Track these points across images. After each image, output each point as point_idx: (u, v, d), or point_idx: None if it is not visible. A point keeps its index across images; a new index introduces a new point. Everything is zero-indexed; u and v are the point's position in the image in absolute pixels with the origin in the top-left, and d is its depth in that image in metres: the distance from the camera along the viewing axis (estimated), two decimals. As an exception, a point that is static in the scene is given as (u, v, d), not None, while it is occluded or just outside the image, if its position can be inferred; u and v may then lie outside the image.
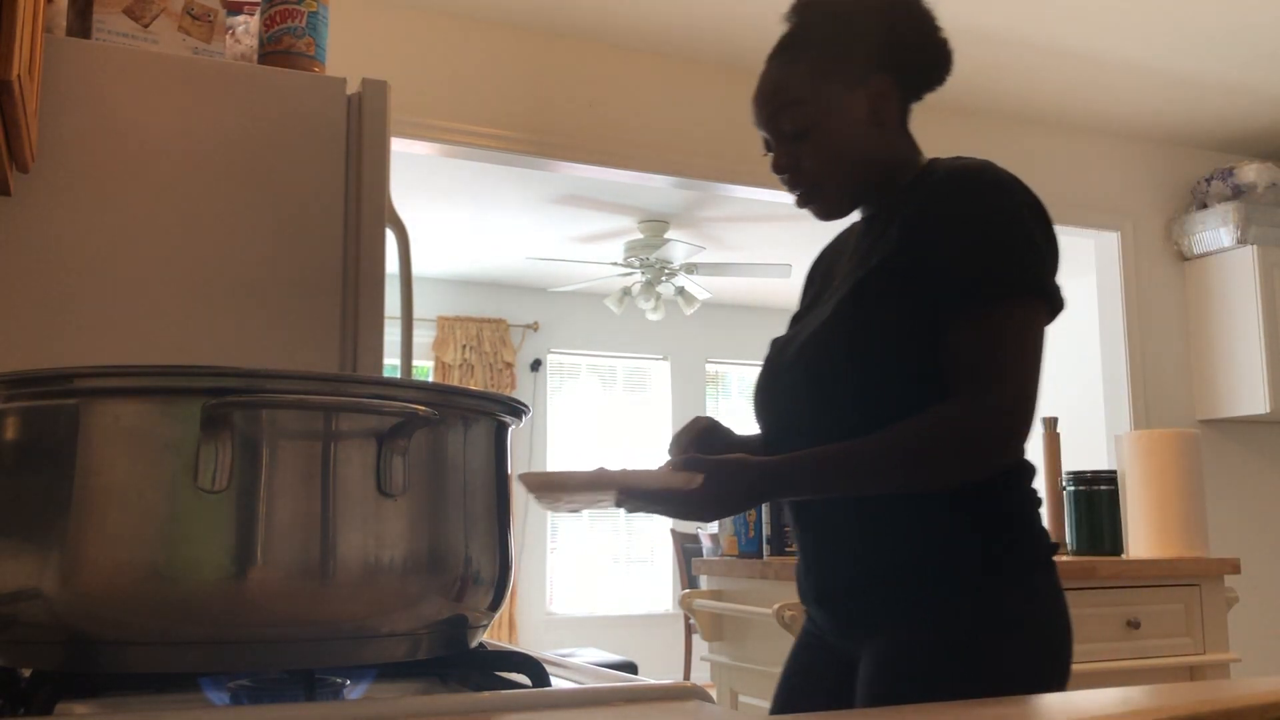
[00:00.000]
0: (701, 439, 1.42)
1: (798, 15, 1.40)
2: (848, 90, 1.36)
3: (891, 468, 1.22)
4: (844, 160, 1.37)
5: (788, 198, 1.47)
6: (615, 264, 6.24)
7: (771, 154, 1.41)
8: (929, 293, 1.24)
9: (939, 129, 4.35)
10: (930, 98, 1.58)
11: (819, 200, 1.39)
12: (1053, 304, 1.28)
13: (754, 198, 4.20)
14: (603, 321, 7.65)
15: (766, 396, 1.39)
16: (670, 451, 1.42)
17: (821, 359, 1.30)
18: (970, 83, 4.13)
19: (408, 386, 0.83)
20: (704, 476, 1.21)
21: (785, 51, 1.39)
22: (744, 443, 1.46)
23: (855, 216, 1.46)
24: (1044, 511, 3.38)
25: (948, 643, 1.22)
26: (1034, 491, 1.32)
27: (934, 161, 1.41)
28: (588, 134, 3.70)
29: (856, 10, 1.39)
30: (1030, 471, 1.31)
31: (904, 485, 1.23)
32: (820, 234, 1.42)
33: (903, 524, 1.26)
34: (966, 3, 3.54)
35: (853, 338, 1.27)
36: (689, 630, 6.48)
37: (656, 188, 4.65)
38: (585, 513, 7.68)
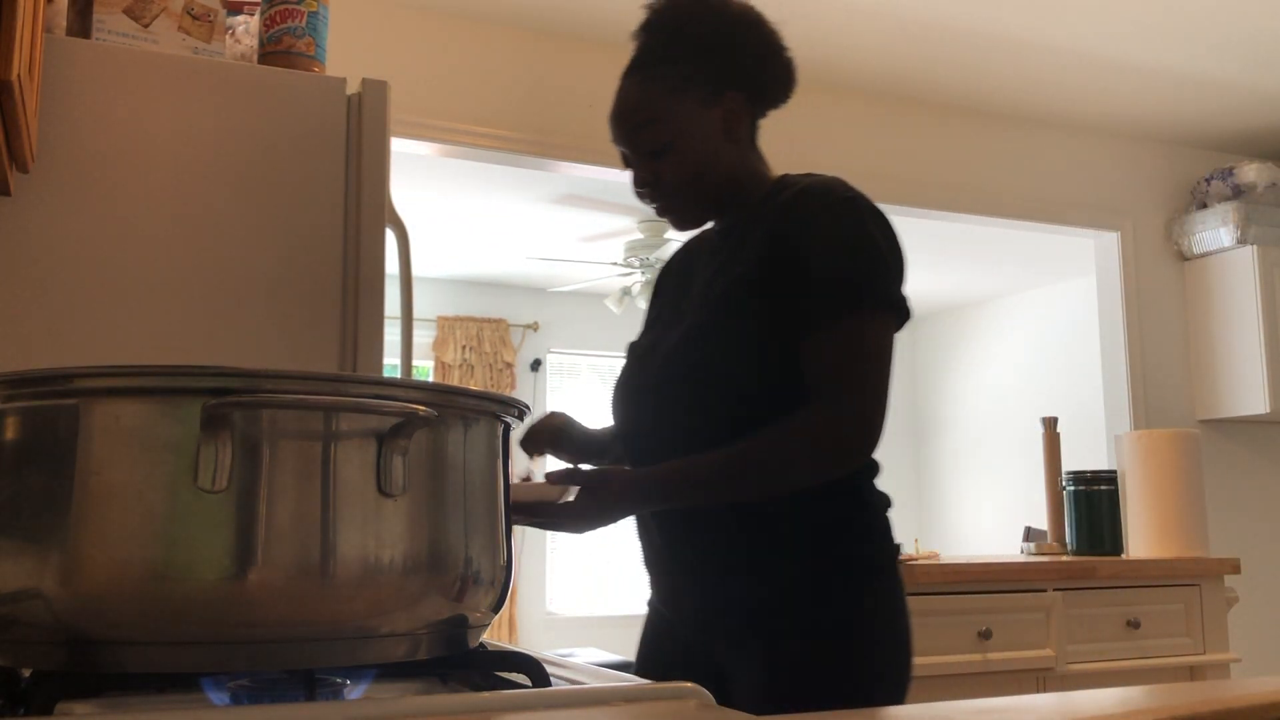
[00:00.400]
0: (559, 437, 1.54)
1: (649, 34, 1.45)
2: (702, 107, 1.42)
3: (751, 476, 1.29)
4: (701, 174, 1.42)
5: None
6: (615, 264, 6.25)
7: (630, 169, 1.46)
8: (788, 305, 1.30)
9: (940, 129, 4.35)
10: (930, 98, 1.63)
11: (677, 212, 1.45)
12: (900, 315, 1.33)
13: (754, 198, 4.20)
14: (603, 321, 7.65)
15: (629, 401, 1.45)
16: (523, 447, 1.53)
17: (686, 367, 1.36)
18: (970, 83, 4.13)
19: (408, 386, 0.83)
20: (578, 490, 1.28)
21: (639, 70, 1.43)
22: (598, 440, 1.57)
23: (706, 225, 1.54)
24: (1043, 510, 3.39)
25: (817, 652, 1.29)
26: (881, 494, 1.40)
27: (785, 177, 1.47)
28: (588, 134, 3.70)
29: (707, 30, 1.43)
30: (874, 472, 1.39)
31: (764, 492, 1.30)
32: None
33: (752, 535, 1.34)
34: (967, 3, 3.54)
35: (717, 347, 1.34)
36: (689, 630, 6.47)
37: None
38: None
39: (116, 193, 1.69)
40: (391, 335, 1.90)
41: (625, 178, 1.51)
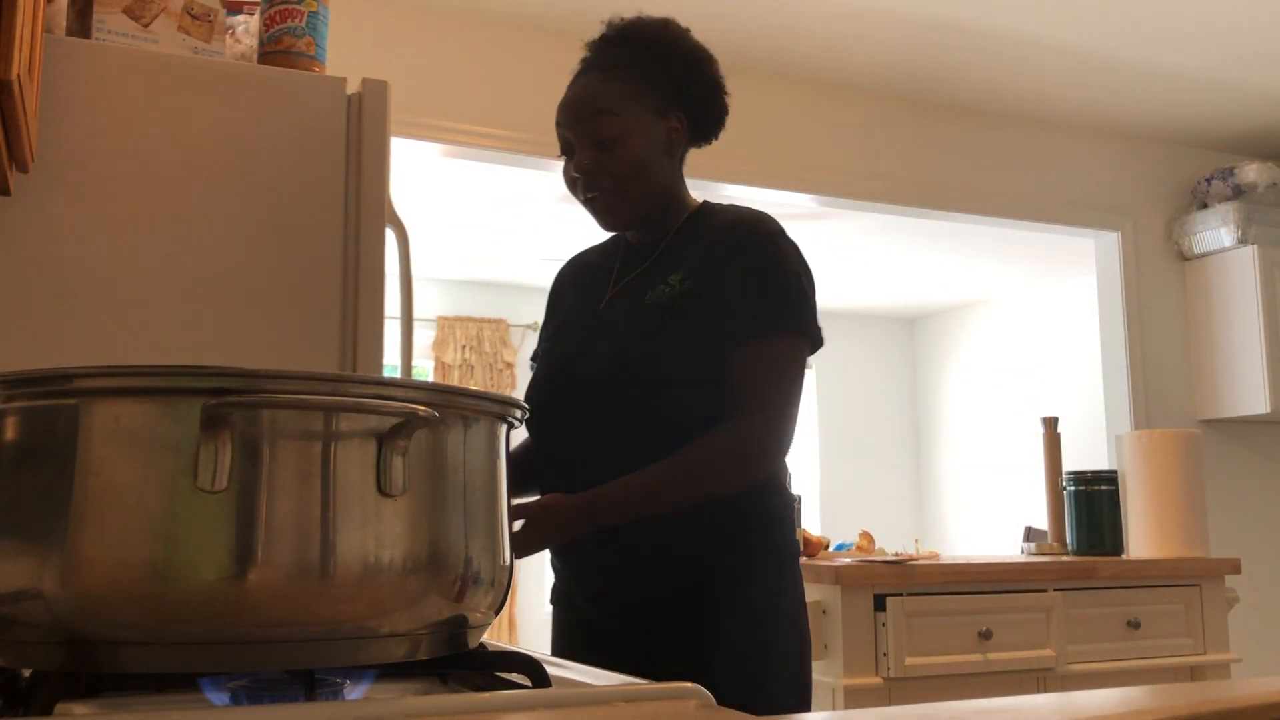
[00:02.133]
0: None
1: (611, 44, 1.55)
2: (653, 117, 1.52)
3: (686, 488, 1.41)
4: (639, 175, 1.51)
5: (787, 198, 1.54)
6: (615, 264, 6.24)
7: (570, 157, 1.53)
8: (716, 328, 1.43)
9: (940, 129, 4.35)
10: (931, 98, 1.69)
11: (608, 205, 1.52)
12: (814, 343, 1.49)
13: (754, 198, 4.20)
14: (603, 321, 7.63)
15: (558, 420, 1.50)
16: None
17: (629, 382, 1.44)
18: (970, 83, 4.13)
19: (408, 386, 0.83)
20: (522, 521, 1.40)
21: (600, 69, 1.53)
22: (520, 470, 1.58)
23: (603, 235, 1.66)
24: (1043, 510, 3.38)
25: (749, 630, 1.42)
26: (786, 494, 1.54)
27: (708, 204, 1.59)
28: (588, 134, 3.69)
29: (668, 51, 1.55)
30: (787, 471, 1.55)
31: (695, 502, 1.42)
32: (828, 234, 1.44)
33: (676, 527, 1.44)
34: (967, 3, 3.54)
35: (650, 365, 1.43)
36: (689, 630, 6.47)
37: (656, 188, 4.65)
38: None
39: (116, 193, 1.69)
40: (391, 335, 1.90)
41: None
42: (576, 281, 1.69)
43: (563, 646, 1.59)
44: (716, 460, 1.41)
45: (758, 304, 1.44)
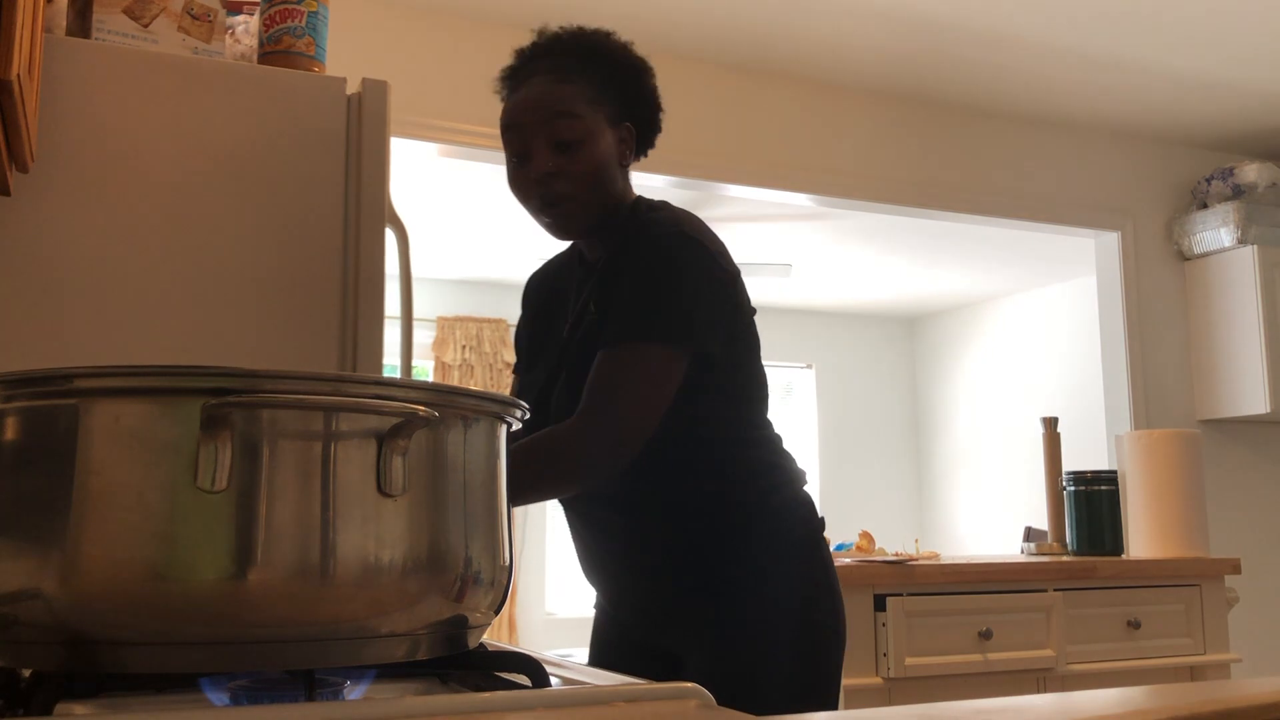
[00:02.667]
0: None
1: (559, 54, 1.51)
2: (609, 124, 1.49)
3: (515, 482, 1.40)
4: (599, 181, 1.47)
5: (788, 197, 1.51)
6: (615, 264, 6.24)
7: (522, 162, 1.48)
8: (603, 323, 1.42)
9: (940, 129, 4.35)
10: (931, 98, 1.68)
11: (568, 210, 1.48)
12: (698, 347, 1.42)
13: (754, 198, 4.20)
14: (603, 321, 7.64)
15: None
16: None
17: (568, 408, 1.42)
18: (971, 83, 4.13)
19: (408, 386, 0.83)
20: None
21: (557, 72, 1.48)
22: None
23: (563, 246, 1.65)
24: (1043, 510, 3.38)
25: (770, 617, 1.43)
26: (787, 487, 1.53)
27: (638, 202, 1.54)
28: (588, 134, 3.69)
29: (618, 62, 1.52)
30: (787, 465, 1.55)
31: (514, 497, 1.42)
32: (828, 234, 1.43)
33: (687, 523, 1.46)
34: (968, 3, 3.54)
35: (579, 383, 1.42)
36: (689, 630, 6.47)
37: (656, 188, 4.65)
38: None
39: (116, 193, 1.69)
40: (391, 335, 1.90)
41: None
42: (540, 301, 1.67)
43: (597, 642, 1.63)
44: (535, 458, 1.37)
45: (632, 310, 1.41)
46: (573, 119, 1.45)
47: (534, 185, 1.48)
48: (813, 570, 1.50)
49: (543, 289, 1.68)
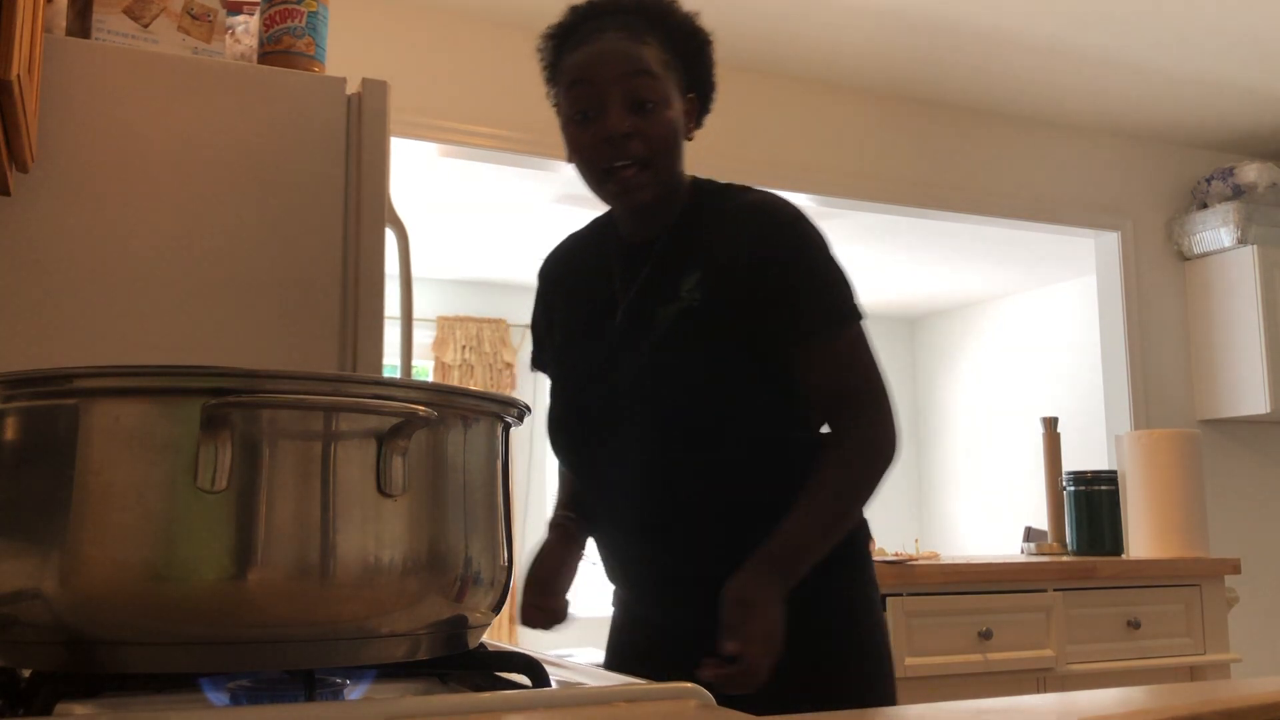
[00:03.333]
0: (564, 575, 1.50)
1: (628, 13, 1.39)
2: (678, 91, 1.39)
3: (853, 503, 1.34)
4: (672, 148, 1.37)
5: (787, 198, 1.46)
6: (615, 264, 6.24)
7: (586, 121, 1.35)
8: (766, 331, 1.32)
9: (940, 129, 4.35)
10: (931, 98, 1.62)
11: (638, 181, 1.35)
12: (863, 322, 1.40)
13: (754, 198, 4.20)
14: (603, 321, 7.64)
15: (586, 453, 1.41)
16: (535, 597, 1.48)
17: (647, 416, 1.32)
18: (970, 83, 4.13)
19: (408, 386, 0.83)
20: (743, 631, 1.19)
21: (630, 30, 1.37)
22: (571, 542, 1.50)
23: (573, 223, 1.54)
24: (1043, 510, 3.38)
25: (832, 631, 1.35)
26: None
27: (700, 181, 1.44)
28: (588, 134, 3.69)
29: (687, 29, 1.42)
30: None
31: (858, 513, 1.36)
32: (828, 234, 1.40)
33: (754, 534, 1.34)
34: (967, 3, 3.54)
35: (675, 389, 1.32)
36: (689, 630, 6.46)
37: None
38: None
39: (116, 193, 1.69)
40: (391, 335, 1.90)
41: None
42: (570, 285, 1.52)
43: (618, 638, 1.54)
44: (866, 470, 1.32)
45: (812, 305, 1.34)
46: (652, 78, 1.34)
47: (603, 145, 1.34)
48: (871, 575, 1.44)
49: (570, 266, 1.53)
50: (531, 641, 7.01)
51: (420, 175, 5.06)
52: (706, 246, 1.37)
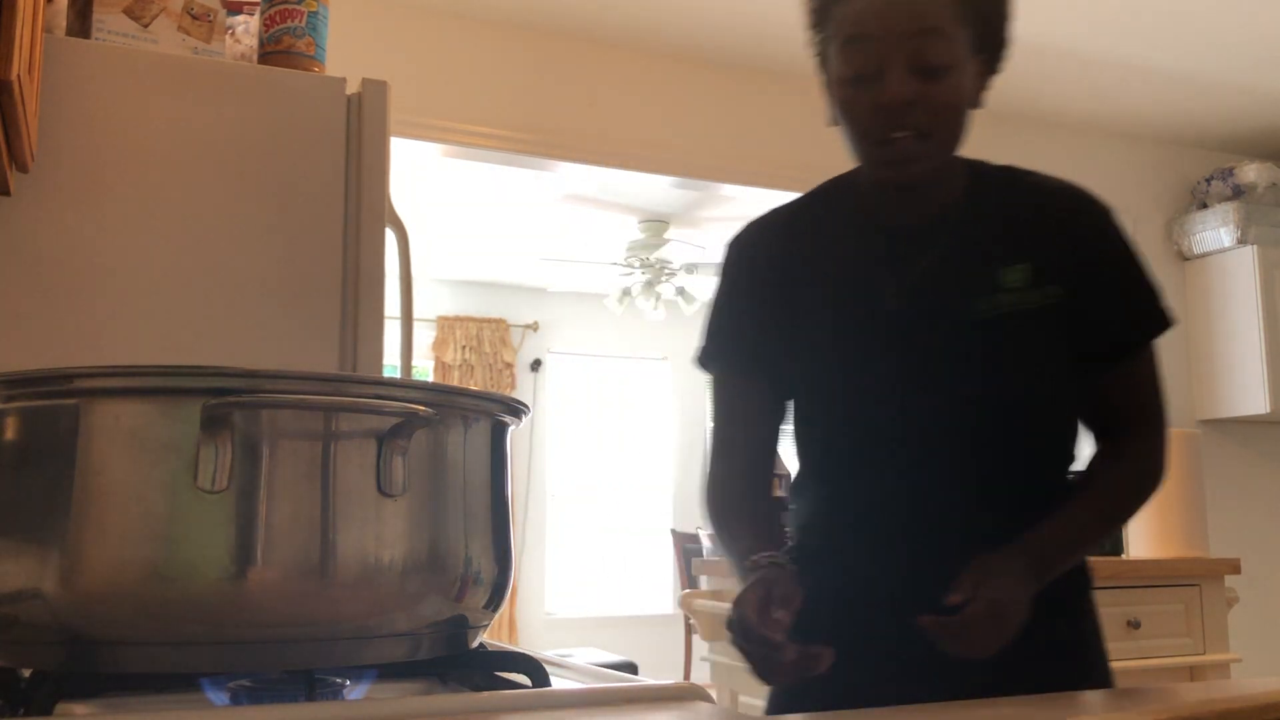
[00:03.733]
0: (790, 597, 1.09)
1: None
2: (970, 51, 1.19)
3: (1115, 525, 1.27)
4: (958, 119, 1.19)
5: (788, 198, 1.39)
6: (615, 264, 6.25)
7: (872, 81, 1.16)
8: (1089, 333, 1.21)
9: (939, 129, 4.35)
10: None
11: (916, 153, 1.17)
12: None
13: (754, 198, 4.20)
14: (603, 321, 7.65)
15: (863, 438, 1.22)
16: (776, 675, 1.04)
17: (991, 405, 1.18)
18: (970, 83, 4.13)
19: (408, 386, 0.83)
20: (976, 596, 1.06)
21: None
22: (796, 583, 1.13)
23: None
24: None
25: (1080, 636, 1.25)
26: None
27: (980, 166, 1.29)
28: (588, 134, 3.69)
29: None
30: None
31: (1123, 524, 1.31)
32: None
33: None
34: (966, 3, 3.54)
35: (1022, 378, 1.19)
36: (689, 630, 6.48)
37: (656, 188, 4.65)
38: (585, 511, 7.69)
39: (116, 193, 1.69)
40: (391, 335, 1.90)
41: (625, 177, 1.41)
42: (804, 272, 1.29)
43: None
44: (1145, 483, 1.23)
45: (1137, 310, 1.23)
46: (941, 39, 1.15)
47: (880, 113, 1.16)
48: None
49: (796, 248, 1.31)
50: (531, 641, 7.01)
51: (420, 175, 5.06)
52: (1024, 234, 1.21)
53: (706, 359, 1.34)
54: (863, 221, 1.27)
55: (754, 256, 1.34)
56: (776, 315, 1.28)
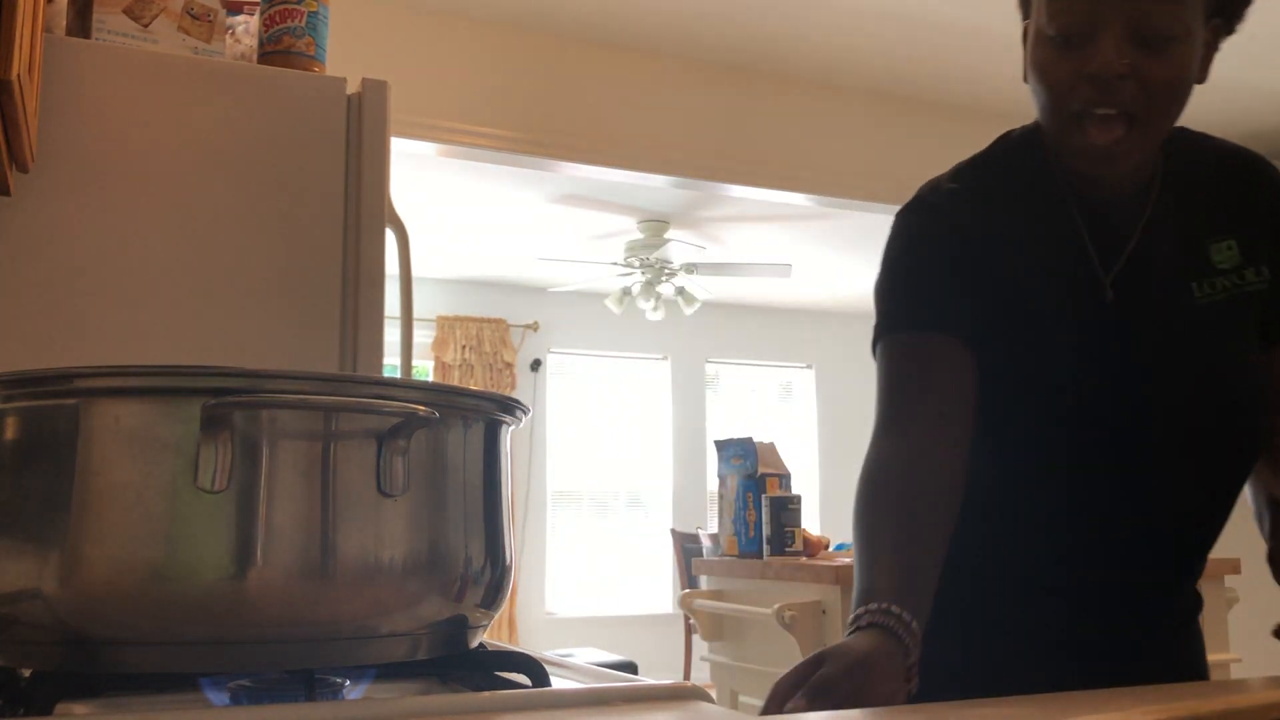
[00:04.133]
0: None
1: None
2: (1202, 18, 1.05)
3: None
4: (1176, 99, 1.04)
5: (787, 197, 1.38)
6: (615, 264, 6.25)
7: (1079, 45, 1.02)
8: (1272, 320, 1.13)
9: (940, 129, 4.35)
10: (930, 96, 1.51)
11: (1126, 143, 1.02)
12: None
13: (754, 198, 4.21)
14: (603, 321, 7.65)
15: (1094, 473, 1.11)
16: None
17: (1217, 397, 1.10)
18: (970, 83, 4.13)
19: (408, 386, 0.83)
20: None
21: None
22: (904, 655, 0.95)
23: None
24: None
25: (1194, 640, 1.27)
26: None
27: (1187, 136, 1.16)
28: (588, 134, 3.70)
29: None
30: None
31: None
32: (828, 234, 1.37)
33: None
34: (968, 3, 3.54)
35: (1242, 366, 1.11)
36: (689, 630, 6.48)
37: (656, 188, 4.65)
38: (584, 510, 7.69)
39: (116, 193, 1.69)
40: (391, 335, 1.91)
41: (625, 177, 1.41)
42: (1009, 245, 1.12)
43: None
44: None
45: None
46: (1173, 8, 1.00)
47: (1085, 82, 1.01)
48: None
49: (1005, 217, 1.13)
50: (531, 641, 7.01)
51: (420, 175, 5.06)
52: (1222, 207, 1.11)
53: (902, 321, 1.12)
54: (1063, 190, 1.12)
55: (954, 224, 1.14)
56: (979, 289, 1.11)
